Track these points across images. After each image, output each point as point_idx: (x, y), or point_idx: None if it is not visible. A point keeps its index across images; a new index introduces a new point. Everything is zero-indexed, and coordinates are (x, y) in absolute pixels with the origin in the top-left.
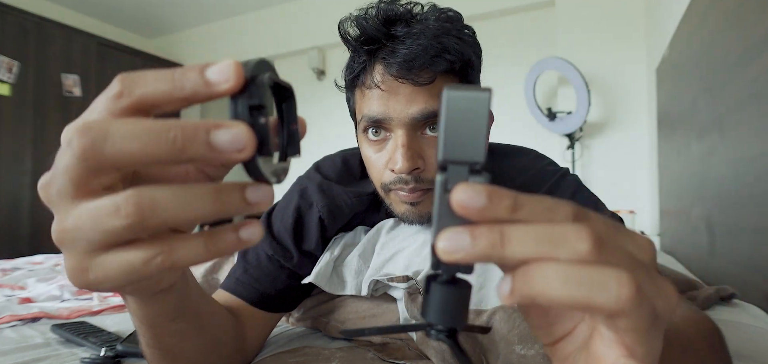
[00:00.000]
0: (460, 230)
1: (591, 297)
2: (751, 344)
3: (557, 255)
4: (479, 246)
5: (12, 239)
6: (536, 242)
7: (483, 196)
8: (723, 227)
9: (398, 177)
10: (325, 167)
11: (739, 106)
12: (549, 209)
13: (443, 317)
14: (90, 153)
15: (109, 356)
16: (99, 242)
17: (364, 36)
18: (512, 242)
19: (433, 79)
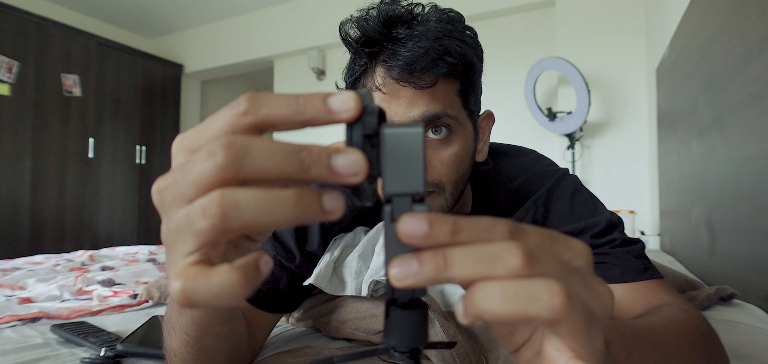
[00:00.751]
0: (408, 257)
1: (527, 309)
2: (750, 344)
3: (494, 273)
4: (426, 270)
5: (12, 239)
6: (475, 261)
7: (424, 223)
8: (723, 227)
9: None
10: None
11: (739, 106)
12: (486, 229)
13: (405, 338)
14: (232, 165)
15: (108, 356)
16: (190, 245)
17: (365, 38)
18: (454, 264)
19: (434, 82)
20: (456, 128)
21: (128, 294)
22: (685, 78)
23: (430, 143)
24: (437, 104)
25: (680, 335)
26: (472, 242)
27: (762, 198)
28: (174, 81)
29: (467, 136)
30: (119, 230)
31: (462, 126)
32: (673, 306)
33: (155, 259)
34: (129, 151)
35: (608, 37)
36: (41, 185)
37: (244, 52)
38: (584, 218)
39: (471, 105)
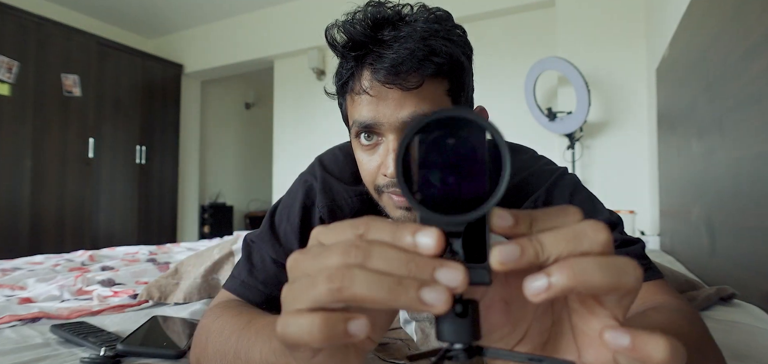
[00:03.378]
0: (511, 244)
1: (619, 280)
2: (750, 344)
3: (583, 249)
4: (527, 254)
5: (12, 239)
6: (566, 242)
7: (511, 218)
8: (723, 227)
9: (391, 180)
10: (328, 163)
11: (739, 106)
12: (560, 214)
13: (461, 336)
14: (337, 295)
15: (108, 355)
16: (304, 302)
17: (351, 42)
18: (547, 246)
19: (421, 83)
20: None
21: (128, 294)
22: (685, 78)
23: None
24: (426, 104)
25: (682, 336)
26: (550, 228)
27: (762, 198)
28: (174, 81)
29: None
30: (119, 230)
31: None
32: (672, 307)
33: (155, 259)
34: (129, 151)
35: (608, 37)
36: (41, 185)
37: (244, 52)
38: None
39: (461, 103)
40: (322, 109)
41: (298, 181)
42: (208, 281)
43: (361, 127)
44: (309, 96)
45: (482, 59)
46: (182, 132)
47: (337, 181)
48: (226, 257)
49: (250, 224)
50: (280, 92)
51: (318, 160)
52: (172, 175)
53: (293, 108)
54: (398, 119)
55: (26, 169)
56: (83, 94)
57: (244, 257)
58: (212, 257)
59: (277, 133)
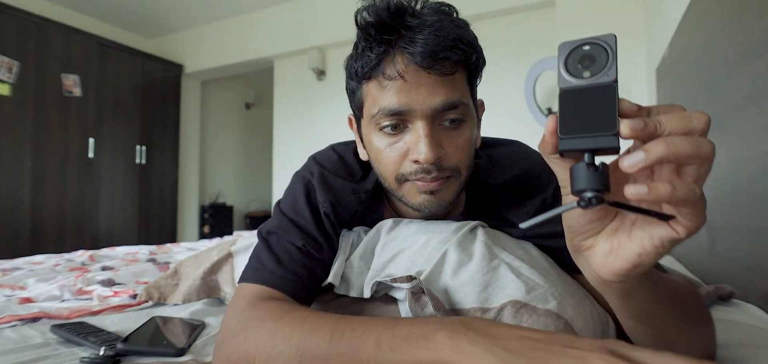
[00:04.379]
0: (637, 119)
1: (699, 149)
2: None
3: (692, 127)
4: (649, 127)
5: (12, 239)
6: (678, 120)
7: (636, 105)
8: (723, 227)
9: (421, 167)
10: (323, 160)
11: (739, 106)
12: (671, 106)
13: (592, 183)
14: None
15: (108, 355)
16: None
17: (382, 24)
18: (663, 122)
19: (455, 70)
20: (467, 116)
21: (128, 294)
22: (685, 78)
23: (447, 131)
24: (456, 93)
25: (686, 291)
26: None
27: (762, 198)
28: (174, 81)
29: (473, 122)
30: (119, 230)
31: (471, 114)
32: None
33: (155, 259)
34: (129, 151)
35: None
36: (41, 185)
37: (244, 52)
38: None
39: (475, 94)
40: (322, 109)
41: (295, 179)
42: (206, 283)
43: (390, 113)
44: (309, 96)
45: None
46: (182, 132)
47: (334, 176)
48: (225, 258)
49: (250, 224)
50: (280, 92)
51: (312, 159)
52: (172, 176)
53: (293, 108)
54: (430, 107)
55: (26, 169)
56: (83, 94)
57: (265, 249)
58: (211, 259)
59: (277, 133)
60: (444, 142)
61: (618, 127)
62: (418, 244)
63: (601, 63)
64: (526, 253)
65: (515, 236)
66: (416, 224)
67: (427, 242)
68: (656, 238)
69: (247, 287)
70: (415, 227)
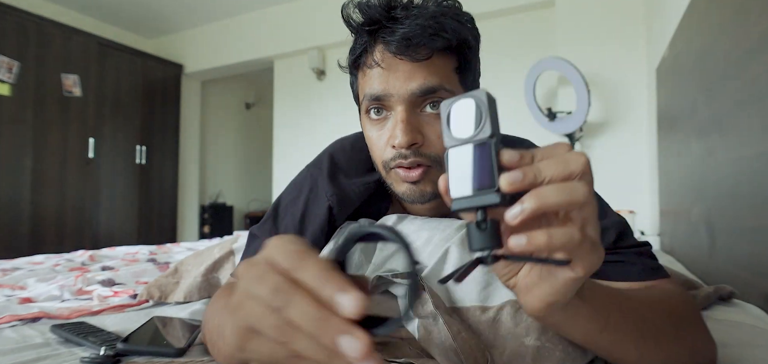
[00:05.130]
0: (516, 171)
1: (571, 197)
2: (750, 344)
3: (571, 170)
4: (528, 177)
5: (12, 239)
6: (556, 166)
7: (518, 155)
8: (723, 227)
9: (398, 152)
10: (337, 155)
11: (739, 106)
12: (553, 148)
13: (483, 244)
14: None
15: (108, 355)
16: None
17: (367, 18)
18: (543, 171)
19: (430, 55)
20: None
21: (128, 294)
22: (685, 78)
23: (429, 118)
24: (434, 77)
25: (656, 304)
26: (545, 158)
27: (762, 198)
28: (174, 81)
29: None
30: (119, 230)
31: None
32: (663, 288)
33: (155, 259)
34: (129, 151)
35: (608, 37)
36: (41, 185)
37: (244, 52)
38: None
39: (468, 83)
40: (322, 109)
41: (304, 173)
42: (208, 280)
43: (372, 99)
44: (309, 96)
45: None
46: (182, 132)
47: (343, 175)
48: (227, 256)
49: (250, 224)
50: (280, 92)
51: (327, 153)
52: (172, 175)
53: (293, 108)
54: (407, 90)
55: (26, 169)
56: (83, 94)
57: (247, 249)
58: (212, 256)
59: (277, 133)
60: (425, 129)
61: (498, 183)
62: (420, 240)
63: (478, 119)
64: None
65: None
66: (419, 220)
67: (429, 238)
68: (560, 279)
69: (228, 281)
70: (418, 224)
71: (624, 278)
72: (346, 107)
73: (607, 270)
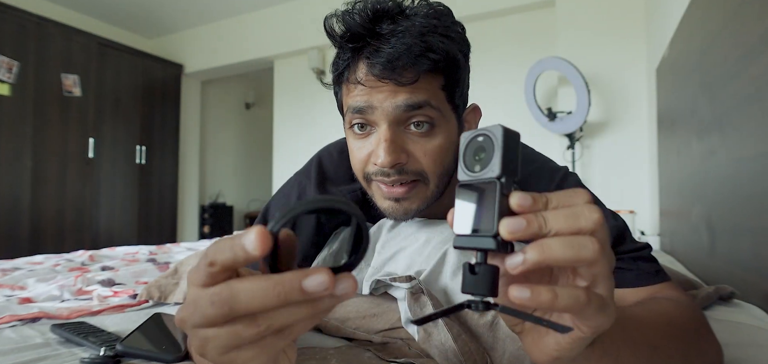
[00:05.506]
0: (518, 218)
1: (579, 254)
2: (750, 344)
3: (581, 226)
4: (532, 227)
5: (12, 239)
6: (564, 219)
7: (530, 199)
8: (723, 227)
9: (380, 169)
10: (325, 162)
11: (739, 106)
12: (570, 195)
13: (481, 290)
14: (227, 310)
15: (108, 355)
16: (203, 324)
17: (350, 33)
18: (549, 222)
19: (415, 79)
20: (439, 121)
21: (128, 294)
22: (685, 78)
23: (414, 136)
24: (420, 94)
25: (663, 327)
26: (559, 207)
27: (762, 198)
28: (174, 81)
29: (450, 129)
30: (119, 230)
31: (445, 119)
32: (671, 297)
33: (155, 259)
34: (129, 151)
35: (608, 37)
36: (41, 185)
37: (244, 52)
38: None
39: (456, 99)
40: (322, 109)
41: (292, 181)
42: None
43: (355, 112)
44: (309, 96)
45: (482, 59)
46: (182, 132)
47: (331, 182)
48: None
49: (250, 224)
50: (280, 92)
51: (315, 161)
52: (172, 175)
53: (293, 108)
54: (391, 106)
55: (26, 169)
56: (83, 94)
57: None
58: None
59: (277, 133)
60: (410, 146)
61: (497, 228)
62: (418, 243)
63: (489, 156)
64: None
65: None
66: (417, 222)
67: (427, 241)
68: (567, 337)
69: None
70: (415, 226)
71: (621, 284)
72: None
73: None
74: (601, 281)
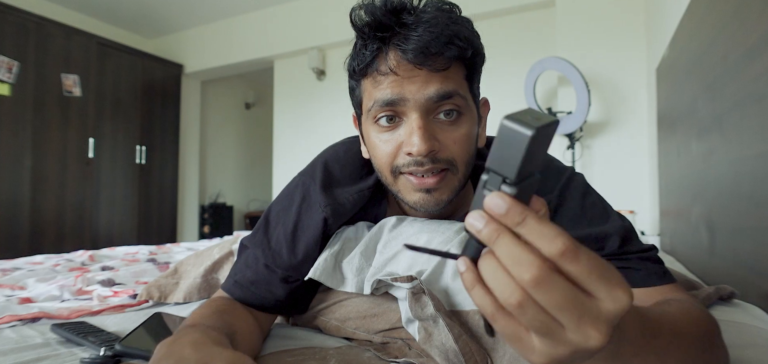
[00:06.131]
0: (481, 214)
1: (482, 309)
2: (750, 344)
3: (515, 275)
4: (483, 233)
5: (12, 239)
6: (508, 250)
7: (504, 205)
8: (723, 227)
9: (414, 159)
10: (330, 163)
11: (739, 106)
12: (542, 236)
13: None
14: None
15: (108, 355)
16: None
17: (377, 23)
18: (498, 245)
19: (448, 66)
20: (465, 110)
21: (128, 294)
22: (685, 78)
23: (443, 125)
24: (450, 83)
25: (693, 328)
26: (530, 237)
27: (762, 198)
28: (174, 81)
29: (473, 118)
30: (119, 230)
31: (469, 109)
32: (682, 300)
33: (155, 259)
34: (129, 151)
35: (608, 37)
36: (41, 185)
37: (244, 52)
38: (595, 222)
39: (475, 90)
40: (322, 109)
41: (296, 181)
42: (208, 281)
43: (384, 105)
44: (309, 96)
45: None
46: (182, 132)
47: (337, 184)
48: (226, 256)
49: (250, 223)
50: (280, 92)
51: (321, 162)
52: (172, 175)
53: (293, 108)
54: (424, 96)
55: (26, 169)
56: (83, 94)
57: (239, 259)
58: (212, 257)
59: (277, 133)
60: (440, 136)
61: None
62: (420, 242)
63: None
64: None
65: None
66: (419, 222)
67: (428, 241)
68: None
69: (218, 293)
70: (417, 226)
71: (630, 284)
72: (347, 107)
73: None
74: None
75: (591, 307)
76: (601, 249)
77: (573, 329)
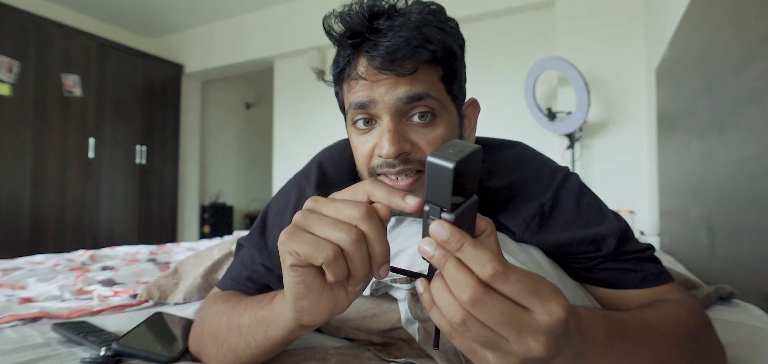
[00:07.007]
0: (430, 241)
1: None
2: (750, 344)
3: (455, 292)
4: (435, 258)
5: (12, 239)
6: (452, 271)
7: (445, 233)
8: (723, 227)
9: (385, 161)
10: (326, 164)
11: (739, 106)
12: (476, 261)
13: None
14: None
15: (108, 355)
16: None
17: (349, 31)
18: (445, 269)
19: (415, 69)
20: (440, 112)
21: (128, 294)
22: (685, 78)
23: (417, 127)
24: (420, 85)
25: (673, 328)
26: (466, 262)
27: (762, 198)
28: (174, 81)
29: (452, 120)
30: (119, 230)
31: (446, 110)
32: (674, 299)
33: (155, 259)
34: (129, 151)
35: (608, 37)
36: (41, 184)
37: (244, 52)
38: (591, 224)
39: (455, 91)
40: (322, 109)
41: (292, 182)
42: (208, 281)
43: (357, 107)
44: (309, 96)
45: (482, 59)
46: (182, 132)
47: (332, 184)
48: (226, 256)
49: (250, 223)
50: (280, 92)
51: (316, 162)
52: (172, 175)
53: (293, 108)
54: (393, 98)
55: (26, 169)
56: (83, 94)
57: (235, 258)
58: (212, 257)
59: (277, 133)
60: (414, 137)
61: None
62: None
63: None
64: (530, 256)
65: (514, 240)
66: (418, 223)
67: None
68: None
69: (214, 290)
70: (417, 227)
71: (626, 285)
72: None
73: (610, 278)
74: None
75: (529, 321)
76: (597, 251)
77: (515, 342)
